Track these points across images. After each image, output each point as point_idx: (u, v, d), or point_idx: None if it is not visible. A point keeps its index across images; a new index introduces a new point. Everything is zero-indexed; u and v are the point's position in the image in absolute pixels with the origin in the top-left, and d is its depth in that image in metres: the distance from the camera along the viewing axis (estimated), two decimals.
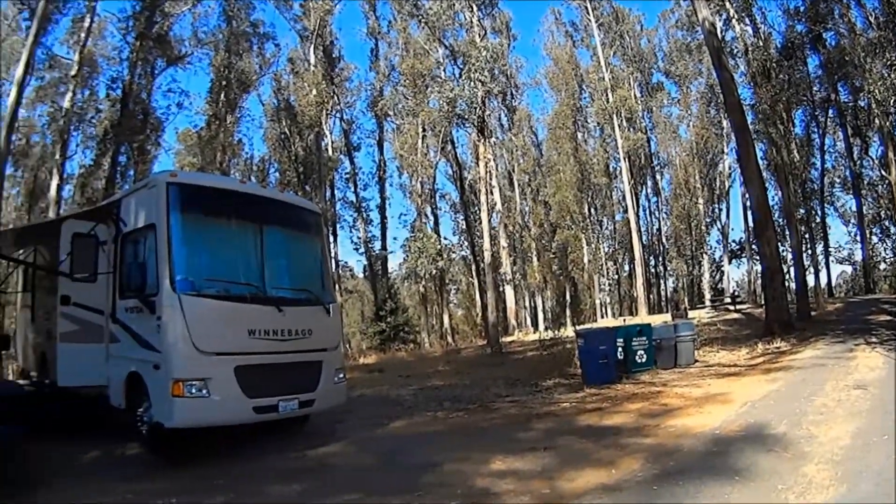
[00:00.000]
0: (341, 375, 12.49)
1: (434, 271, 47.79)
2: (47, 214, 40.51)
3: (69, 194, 46.35)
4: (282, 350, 11.02)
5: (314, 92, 47.17)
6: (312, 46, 50.24)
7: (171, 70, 46.01)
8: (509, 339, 40.14)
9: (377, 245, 58.25)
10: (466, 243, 59.99)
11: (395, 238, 60.91)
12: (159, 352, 10.23)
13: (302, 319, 11.46)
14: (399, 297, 55.42)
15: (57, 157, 40.63)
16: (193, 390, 9.94)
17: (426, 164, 51.89)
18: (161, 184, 10.86)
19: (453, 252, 59.19)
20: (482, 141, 37.80)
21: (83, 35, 40.41)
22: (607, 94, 57.18)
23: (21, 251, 17.24)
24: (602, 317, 61.64)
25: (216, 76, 47.91)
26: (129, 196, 12.28)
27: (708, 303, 53.12)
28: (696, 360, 19.48)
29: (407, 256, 50.58)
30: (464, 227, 59.23)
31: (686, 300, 65.61)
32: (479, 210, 45.43)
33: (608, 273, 68.37)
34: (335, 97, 53.34)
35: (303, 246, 12.88)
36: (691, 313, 39.45)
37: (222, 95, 47.39)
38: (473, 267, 57.61)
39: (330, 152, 53.37)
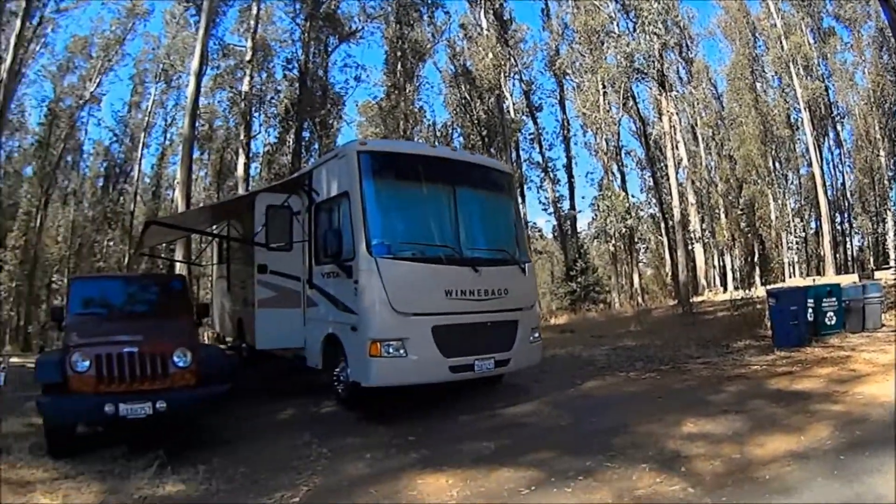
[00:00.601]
0: (536, 335, 12.53)
1: (623, 230, 46.73)
2: (236, 191, 42.50)
3: (255, 171, 48.42)
4: (478, 310, 11.14)
5: (490, 55, 46.86)
6: (483, 11, 50.01)
7: (343, 46, 47.10)
8: (699, 298, 38.85)
9: (565, 205, 57.65)
10: (654, 200, 59.02)
11: (582, 197, 60.37)
12: (357, 314, 10.63)
13: (498, 279, 11.53)
14: (588, 256, 54.60)
15: (242, 137, 42.48)
16: (391, 350, 10.27)
17: (609, 121, 50.43)
18: (351, 153, 11.18)
19: (641, 210, 57.90)
20: (663, 95, 37.10)
21: (252, 22, 42.28)
22: (781, 42, 54.53)
23: (215, 226, 18.30)
24: (790, 276, 59.32)
25: (390, 48, 48.36)
26: (319, 167, 12.75)
27: (893, 263, 50.17)
28: (883, 325, 18.36)
29: (595, 215, 49.86)
30: (650, 184, 58.34)
31: (871, 260, 62.32)
32: (666, 166, 45.09)
33: (795, 230, 65.09)
34: (512, 59, 52.76)
35: (496, 206, 12.89)
36: (876, 274, 37.81)
37: (399, 66, 47.75)
38: (662, 225, 56.90)
39: (512, 114, 53.01)
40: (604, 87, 48.87)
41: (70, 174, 60.02)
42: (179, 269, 27.60)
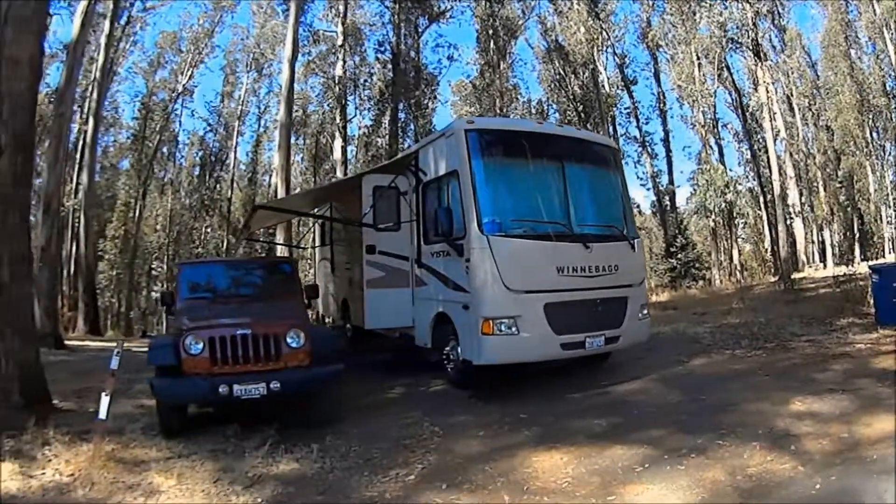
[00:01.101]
0: (645, 312, 12.45)
1: (723, 205, 45.92)
2: (332, 175, 44.36)
3: (352, 154, 49.03)
4: (589, 286, 11.12)
5: (582, 30, 46.38)
6: None
7: (434, 26, 47.07)
8: (800, 275, 38.10)
9: (664, 179, 56.64)
10: (752, 174, 57.52)
11: (681, 171, 59.36)
12: (468, 292, 10.73)
13: (608, 255, 11.48)
14: (687, 232, 53.60)
15: (338, 121, 43.23)
16: (503, 328, 10.34)
17: (705, 93, 49.19)
18: (459, 131, 11.23)
19: (738, 184, 56.63)
20: (759, 65, 36.40)
21: (342, 7, 42.79)
22: (873, 5, 52.15)
23: (317, 209, 18.65)
24: (889, 252, 57.28)
25: (481, 26, 48.30)
26: (426, 146, 12.80)
27: None
28: None
29: (694, 190, 48.98)
30: (748, 157, 57.00)
31: None
32: (763, 138, 44.56)
33: (894, 204, 62.34)
34: (604, 32, 51.63)
35: (604, 181, 12.79)
36: None
37: (491, 43, 47.70)
38: (760, 199, 55.51)
39: (607, 88, 52.15)
40: (698, 58, 48.06)
41: (166, 164, 62.05)
42: (280, 251, 28.18)
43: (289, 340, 9.48)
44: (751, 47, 34.78)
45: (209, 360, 9.11)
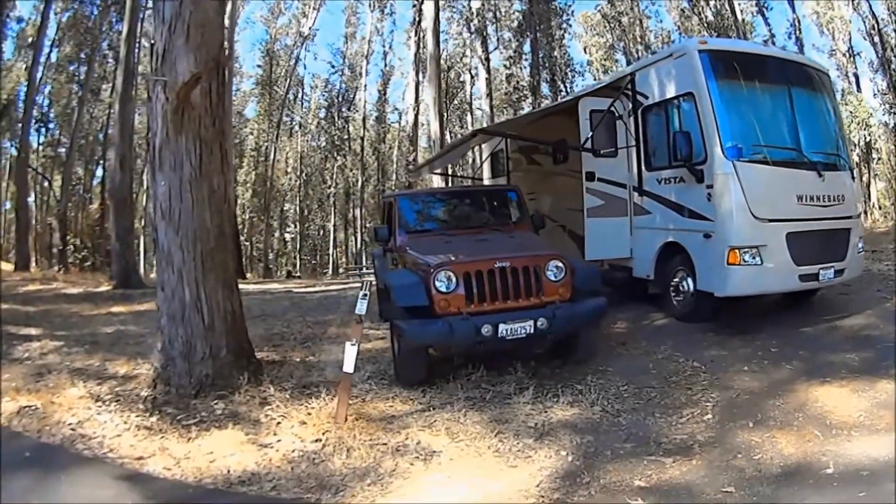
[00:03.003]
0: (861, 245, 11.92)
1: (867, 138, 44.48)
2: (465, 111, 45.23)
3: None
4: (823, 216, 10.72)
5: None
6: None
7: None
8: None
9: None
10: (887, 107, 55.17)
11: None
12: (711, 220, 10.41)
13: (837, 184, 11.08)
14: None
15: (480, 53, 43.40)
16: (748, 258, 10.08)
17: (842, 19, 48.04)
18: (692, 52, 10.87)
19: (872, 116, 55.07)
20: None
21: None
22: None
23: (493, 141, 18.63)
24: None
25: None
26: (645, 68, 12.40)
27: None
28: None
29: None
30: (883, 87, 55.42)
31: None
32: None
33: None
34: None
35: (824, 107, 12.14)
36: None
37: None
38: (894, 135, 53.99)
39: (739, 15, 50.06)
40: None
41: (293, 108, 63.58)
42: (440, 183, 29.17)
43: (548, 273, 8.89)
44: None
45: (464, 298, 8.59)
